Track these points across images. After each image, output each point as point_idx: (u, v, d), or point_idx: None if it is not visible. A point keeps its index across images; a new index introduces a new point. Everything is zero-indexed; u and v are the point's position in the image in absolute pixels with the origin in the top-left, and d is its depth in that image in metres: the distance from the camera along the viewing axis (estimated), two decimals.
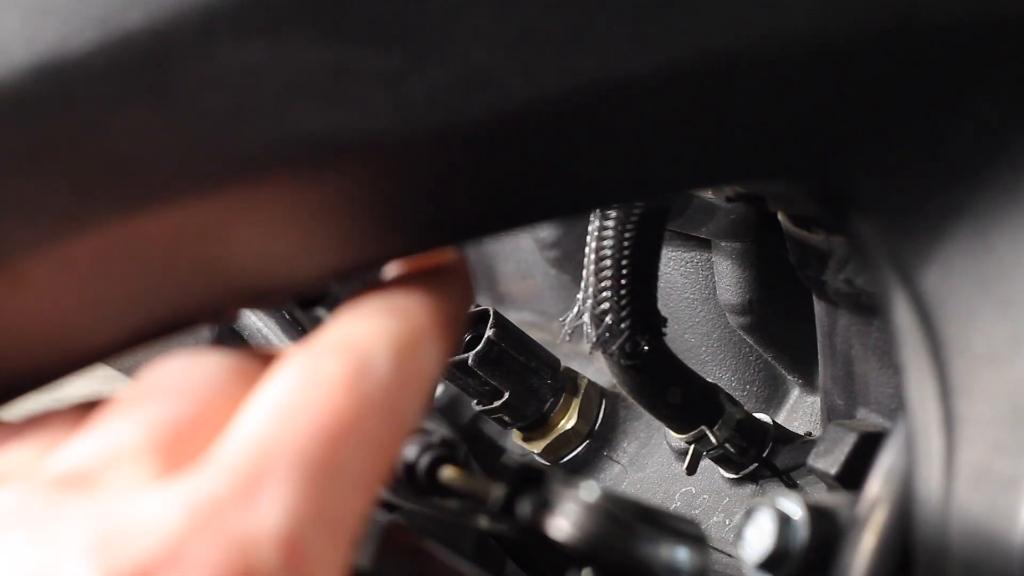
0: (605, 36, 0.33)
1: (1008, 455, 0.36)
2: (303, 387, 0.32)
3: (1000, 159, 0.37)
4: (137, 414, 0.32)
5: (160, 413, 0.32)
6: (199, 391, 0.33)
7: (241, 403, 0.33)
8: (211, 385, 0.34)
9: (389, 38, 0.32)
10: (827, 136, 0.38)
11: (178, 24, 0.31)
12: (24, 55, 0.31)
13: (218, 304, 0.37)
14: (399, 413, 0.33)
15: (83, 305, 0.35)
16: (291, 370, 0.33)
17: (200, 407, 0.33)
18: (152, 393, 0.33)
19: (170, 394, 0.33)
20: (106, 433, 0.32)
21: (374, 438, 0.32)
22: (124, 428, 0.32)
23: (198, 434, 0.32)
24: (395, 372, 0.33)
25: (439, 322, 0.35)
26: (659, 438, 0.95)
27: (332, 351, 0.33)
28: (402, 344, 0.34)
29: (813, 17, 0.34)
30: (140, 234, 0.33)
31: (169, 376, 0.34)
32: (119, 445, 0.32)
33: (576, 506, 0.37)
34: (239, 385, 0.34)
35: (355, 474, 0.32)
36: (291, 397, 0.32)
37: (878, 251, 0.39)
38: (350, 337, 0.34)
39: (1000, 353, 0.36)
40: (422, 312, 0.35)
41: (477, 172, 0.35)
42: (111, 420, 0.33)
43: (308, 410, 0.32)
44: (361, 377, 0.33)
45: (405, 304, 0.35)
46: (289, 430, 0.31)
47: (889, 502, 0.39)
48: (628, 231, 0.67)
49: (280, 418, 0.31)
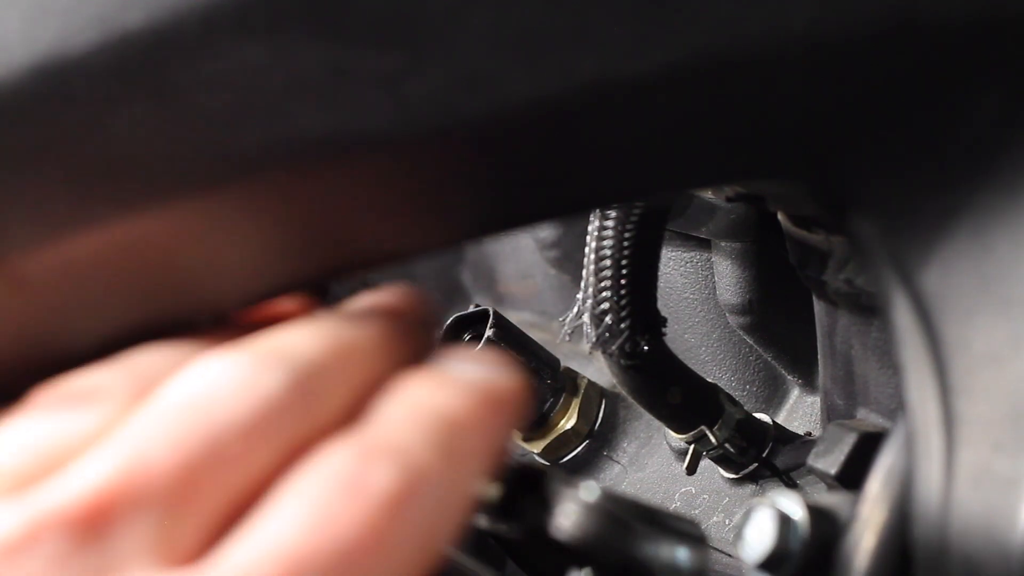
0: (605, 36, 0.33)
1: (1008, 455, 0.36)
2: (343, 496, 0.29)
3: (1000, 159, 0.37)
4: (170, 434, 0.30)
5: (194, 443, 0.30)
6: (246, 419, 0.31)
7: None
8: (264, 409, 0.31)
9: (389, 38, 0.32)
10: (827, 136, 0.38)
11: (178, 24, 0.31)
12: (24, 55, 0.31)
13: (216, 305, 0.37)
14: (438, 534, 0.31)
15: (82, 305, 0.35)
16: (335, 468, 0.30)
17: (241, 444, 0.30)
18: (193, 408, 0.31)
19: (212, 417, 0.31)
20: (132, 451, 0.30)
21: (405, 561, 0.30)
22: (151, 452, 0.30)
23: (232, 480, 0.30)
24: (446, 488, 0.31)
25: (491, 442, 0.33)
26: (659, 438, 0.95)
27: (384, 456, 0.30)
28: (458, 458, 0.31)
29: (813, 17, 0.34)
30: (140, 234, 0.33)
31: (218, 384, 0.31)
32: (141, 478, 0.30)
33: (576, 506, 0.37)
34: (301, 412, 0.31)
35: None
36: (327, 505, 0.29)
37: (878, 251, 0.39)
38: (404, 439, 0.31)
39: (1000, 353, 0.36)
40: (480, 424, 0.33)
41: (477, 172, 0.35)
42: (141, 430, 0.31)
43: (342, 526, 0.29)
44: (410, 497, 0.30)
45: (462, 413, 0.32)
46: (315, 546, 0.29)
47: (889, 502, 0.39)
48: (628, 231, 0.67)
49: (308, 529, 0.29)
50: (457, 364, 0.34)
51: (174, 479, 0.30)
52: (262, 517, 0.30)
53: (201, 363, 0.32)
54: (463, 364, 0.34)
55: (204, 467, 0.30)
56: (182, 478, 0.30)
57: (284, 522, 0.29)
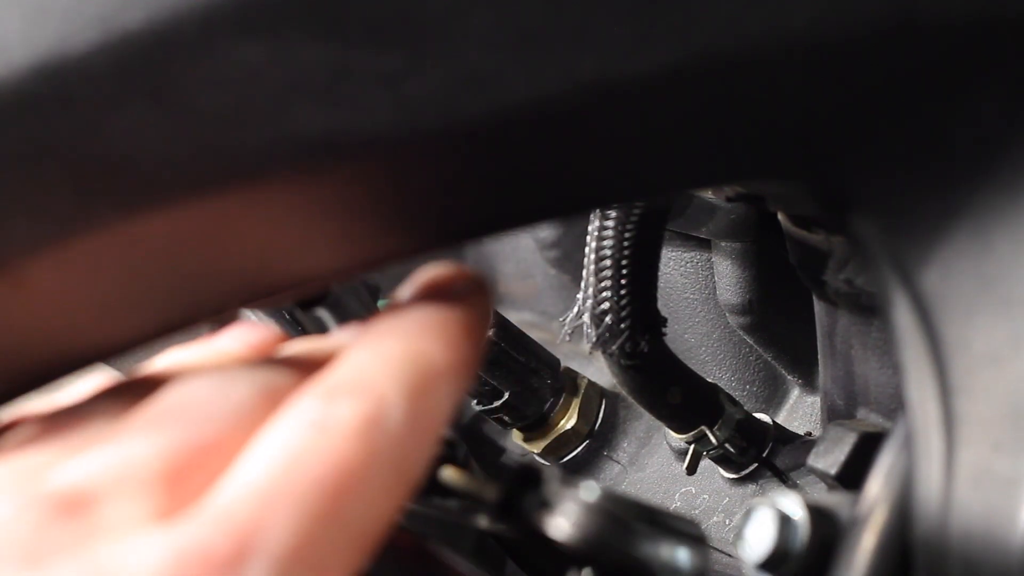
0: (605, 36, 0.33)
1: (1008, 455, 0.36)
2: (312, 433, 0.31)
3: (1000, 159, 0.37)
4: (155, 435, 0.32)
5: (177, 438, 0.32)
6: (222, 416, 0.33)
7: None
8: (236, 410, 0.33)
9: (389, 38, 0.32)
10: (827, 136, 0.38)
11: (178, 24, 0.31)
12: (24, 55, 0.31)
13: (218, 304, 0.37)
14: (409, 464, 0.32)
15: (83, 305, 0.35)
16: (302, 411, 0.32)
17: (220, 435, 0.32)
18: (175, 413, 0.33)
19: (193, 417, 0.32)
20: (119, 450, 0.31)
21: (380, 490, 0.31)
22: (138, 449, 0.31)
23: (212, 464, 0.31)
24: (408, 421, 0.32)
25: (457, 361, 0.34)
26: (659, 438, 0.96)
27: (346, 393, 0.32)
28: (418, 389, 0.33)
29: (813, 17, 0.34)
30: (140, 234, 0.33)
31: (196, 395, 0.33)
32: (128, 468, 0.31)
33: (576, 506, 0.37)
34: (265, 409, 0.33)
35: (356, 528, 0.31)
36: (298, 443, 0.31)
37: (878, 251, 0.39)
38: (365, 377, 0.33)
39: (1000, 353, 0.36)
40: (441, 349, 0.34)
41: (477, 172, 0.35)
42: (128, 437, 0.32)
43: (313, 459, 0.30)
44: (373, 426, 0.31)
45: (423, 339, 0.34)
46: (291, 480, 0.30)
47: (889, 502, 0.39)
48: (628, 231, 0.67)
49: (283, 466, 0.30)
50: (409, 307, 0.36)
51: (160, 466, 0.31)
52: (239, 464, 0.31)
53: (176, 383, 0.34)
54: (415, 307, 0.35)
55: (187, 458, 0.31)
56: (168, 465, 0.31)
57: (259, 464, 0.31)
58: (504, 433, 1.02)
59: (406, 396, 0.32)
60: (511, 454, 1.01)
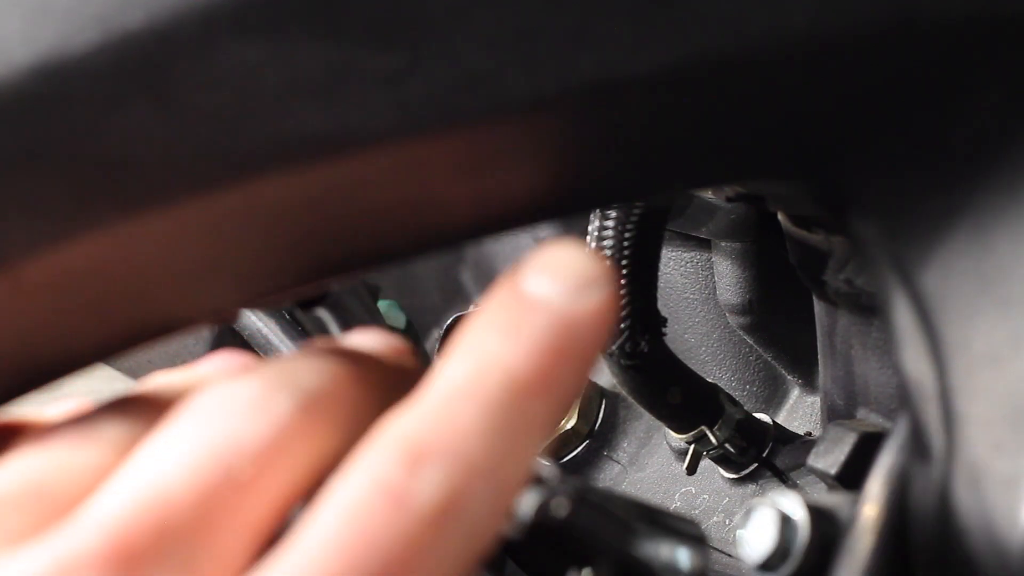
0: (605, 36, 0.33)
1: (1008, 455, 0.36)
2: (384, 507, 0.28)
3: (1000, 159, 0.37)
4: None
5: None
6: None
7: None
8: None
9: (389, 38, 0.32)
10: (827, 136, 0.38)
11: (178, 24, 0.31)
12: (24, 55, 0.31)
13: (218, 304, 0.37)
14: (481, 543, 0.29)
15: (83, 305, 0.35)
16: (377, 472, 0.29)
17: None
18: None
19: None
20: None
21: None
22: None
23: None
24: (493, 496, 0.29)
25: (550, 377, 0.30)
26: (659, 438, 0.96)
27: (434, 459, 0.29)
28: (510, 436, 0.29)
29: (813, 17, 0.34)
30: (140, 235, 0.33)
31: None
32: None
33: (576, 505, 0.37)
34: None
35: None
36: (365, 517, 0.28)
37: (878, 251, 0.39)
38: (456, 428, 0.29)
39: (1000, 353, 0.36)
40: (529, 361, 0.30)
41: (476, 172, 0.35)
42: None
43: (378, 543, 0.28)
44: (454, 509, 0.28)
45: (508, 348, 0.30)
46: (347, 563, 0.28)
47: (889, 502, 0.39)
48: (628, 231, 0.67)
49: (344, 544, 0.28)
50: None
51: (196, 507, 0.29)
52: (297, 532, 0.29)
53: (210, 389, 0.32)
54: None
55: (224, 492, 0.29)
56: (204, 505, 0.29)
57: (319, 533, 0.28)
58: None
59: (497, 466, 0.29)
60: None
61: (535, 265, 0.32)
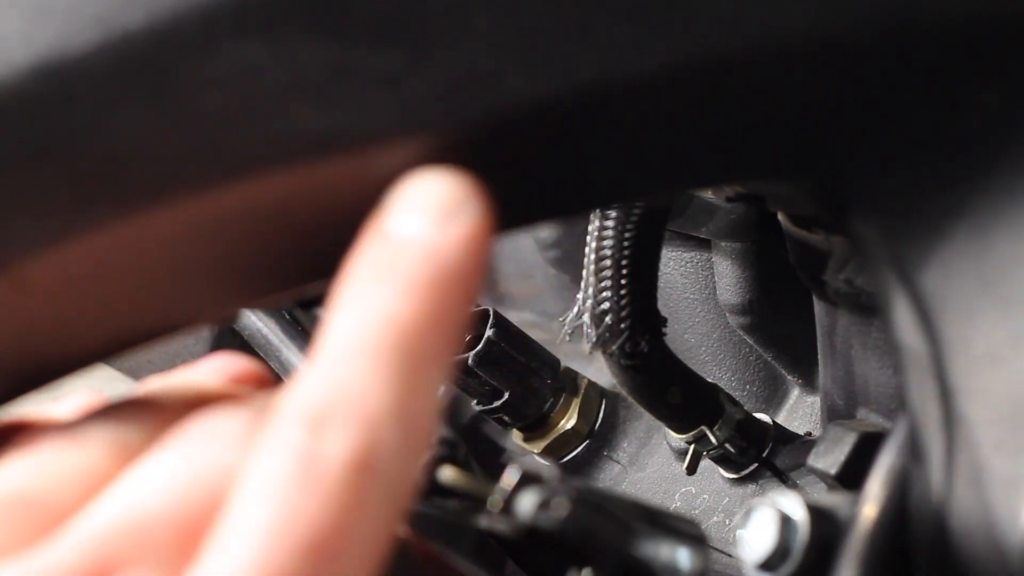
0: (606, 36, 0.33)
1: (1008, 455, 0.36)
2: (296, 477, 0.28)
3: (1000, 159, 0.37)
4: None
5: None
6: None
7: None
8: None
9: (389, 38, 0.32)
10: (827, 136, 0.38)
11: (178, 24, 0.31)
12: (24, 55, 0.31)
13: (218, 304, 0.37)
14: (401, 500, 0.30)
15: (84, 305, 0.35)
16: (285, 442, 0.29)
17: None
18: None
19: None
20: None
21: (369, 539, 0.29)
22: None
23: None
24: (403, 447, 0.29)
25: (442, 321, 0.31)
26: (659, 438, 0.95)
27: (336, 420, 0.29)
28: (411, 386, 0.30)
29: (813, 17, 0.34)
30: (140, 235, 0.33)
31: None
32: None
33: (575, 506, 0.37)
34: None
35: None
36: (282, 492, 0.29)
37: (878, 251, 0.39)
38: (352, 389, 0.30)
39: (1000, 353, 0.36)
40: (420, 310, 0.31)
41: (476, 172, 0.35)
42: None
43: (297, 515, 0.28)
44: (367, 469, 0.29)
45: (396, 301, 0.31)
46: (274, 543, 0.28)
47: (889, 502, 0.39)
48: (628, 231, 0.67)
49: (266, 526, 0.28)
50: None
51: (179, 529, 0.30)
52: (221, 525, 0.29)
53: (203, 417, 0.33)
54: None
55: (204, 516, 0.30)
56: (187, 526, 0.30)
57: (244, 523, 0.29)
58: (504, 433, 1.02)
59: (400, 412, 0.29)
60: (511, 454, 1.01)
61: (397, 203, 0.32)
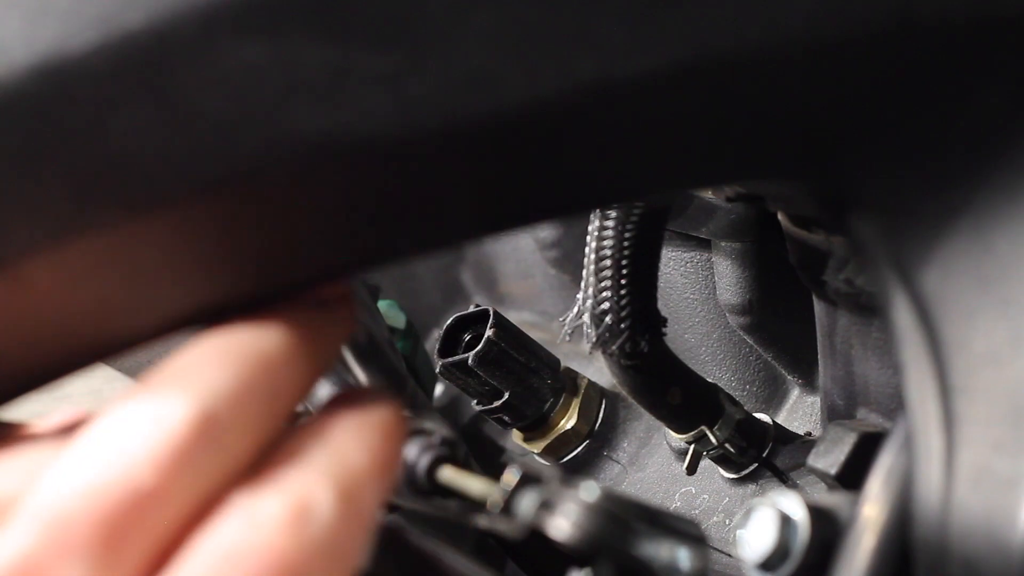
0: (605, 36, 0.33)
1: (1008, 455, 0.36)
2: (244, 527, 0.32)
3: (1000, 159, 0.37)
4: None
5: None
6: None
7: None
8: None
9: (389, 38, 0.32)
10: (827, 136, 0.38)
11: (178, 24, 0.31)
12: (24, 55, 0.31)
13: (218, 304, 0.37)
14: (343, 554, 0.33)
15: (83, 305, 0.35)
16: (232, 514, 0.32)
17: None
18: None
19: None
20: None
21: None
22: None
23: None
24: (337, 513, 0.33)
25: (378, 462, 0.35)
26: (659, 438, 0.95)
27: (272, 490, 0.33)
28: (344, 487, 0.34)
29: (813, 17, 0.34)
30: (140, 234, 0.33)
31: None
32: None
33: (576, 506, 0.37)
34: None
35: None
36: (234, 537, 0.32)
37: (878, 251, 0.39)
38: (289, 477, 0.33)
39: (1000, 353, 0.36)
40: (361, 453, 0.35)
41: (477, 172, 0.35)
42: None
43: (250, 552, 0.31)
44: (302, 518, 0.32)
45: (344, 447, 0.35)
46: (232, 572, 0.31)
47: (889, 502, 0.39)
48: (628, 231, 0.67)
49: (224, 563, 0.31)
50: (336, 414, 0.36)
51: (96, 532, 0.31)
52: (181, 558, 0.32)
53: (110, 408, 0.33)
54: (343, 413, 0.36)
55: (123, 515, 0.31)
56: (104, 530, 0.31)
57: (200, 558, 0.31)
58: (504, 433, 1.02)
59: (333, 491, 0.33)
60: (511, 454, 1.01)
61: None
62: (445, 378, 0.93)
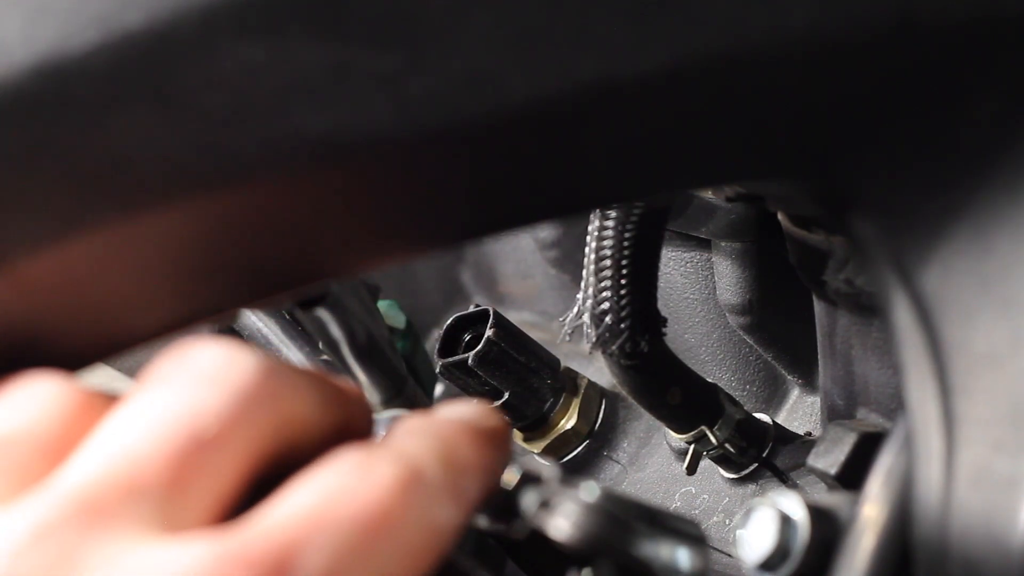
0: (605, 36, 0.33)
1: (1008, 455, 0.36)
2: (355, 475, 0.32)
3: (1000, 159, 0.37)
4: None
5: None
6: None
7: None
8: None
9: (389, 38, 0.32)
10: (827, 136, 0.38)
11: (178, 24, 0.31)
12: (24, 55, 0.31)
13: (218, 304, 0.37)
14: (440, 524, 0.33)
15: (83, 305, 0.35)
16: (347, 458, 0.33)
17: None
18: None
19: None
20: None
21: (412, 541, 0.32)
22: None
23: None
24: (443, 488, 0.34)
25: (484, 464, 0.36)
26: (659, 438, 0.95)
27: (389, 457, 0.33)
28: (454, 467, 0.35)
29: (813, 18, 0.34)
30: (139, 235, 0.33)
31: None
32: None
33: (576, 506, 0.37)
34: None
35: (387, 571, 0.32)
36: (342, 481, 0.32)
37: (878, 251, 0.39)
38: (407, 449, 0.34)
39: (1000, 353, 0.36)
40: (471, 451, 0.36)
41: (477, 172, 0.36)
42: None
43: (355, 497, 0.32)
44: (411, 484, 0.33)
45: (456, 440, 0.36)
46: (333, 511, 0.31)
47: (889, 502, 0.39)
48: (628, 231, 0.67)
49: (327, 498, 0.32)
50: (448, 408, 0.38)
51: (163, 468, 0.31)
52: (287, 492, 0.32)
53: (175, 357, 0.33)
54: (453, 407, 0.38)
55: (190, 454, 0.31)
56: (170, 466, 0.31)
57: (305, 493, 0.32)
58: None
59: (443, 469, 0.34)
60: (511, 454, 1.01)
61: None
62: (445, 378, 0.93)
